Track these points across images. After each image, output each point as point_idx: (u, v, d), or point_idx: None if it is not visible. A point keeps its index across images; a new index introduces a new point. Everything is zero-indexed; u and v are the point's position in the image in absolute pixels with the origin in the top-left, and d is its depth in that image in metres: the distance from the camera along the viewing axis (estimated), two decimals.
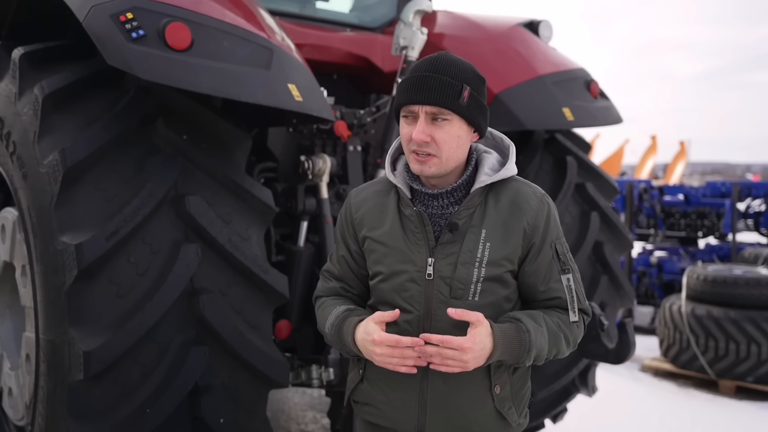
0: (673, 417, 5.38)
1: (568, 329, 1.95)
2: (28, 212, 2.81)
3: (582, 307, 1.99)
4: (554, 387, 4.01)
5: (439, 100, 1.82)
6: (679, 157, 23.49)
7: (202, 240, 2.77)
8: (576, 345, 2.01)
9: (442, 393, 1.91)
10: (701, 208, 9.18)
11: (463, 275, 1.88)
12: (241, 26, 2.91)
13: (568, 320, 1.96)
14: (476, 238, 1.89)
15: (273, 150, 3.64)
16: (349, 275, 2.08)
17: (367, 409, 2.03)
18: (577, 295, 1.97)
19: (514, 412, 1.98)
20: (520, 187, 1.98)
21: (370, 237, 1.98)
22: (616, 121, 4.21)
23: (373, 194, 2.04)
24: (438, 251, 1.90)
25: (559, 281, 1.95)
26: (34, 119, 2.74)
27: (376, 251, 1.97)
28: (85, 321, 2.57)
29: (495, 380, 1.93)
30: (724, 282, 6.17)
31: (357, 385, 2.04)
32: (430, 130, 1.83)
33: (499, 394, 1.93)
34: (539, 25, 4.33)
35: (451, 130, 1.85)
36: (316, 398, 5.46)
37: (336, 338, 1.98)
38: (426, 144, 1.83)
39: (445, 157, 1.86)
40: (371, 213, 2.00)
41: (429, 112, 1.83)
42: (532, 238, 1.92)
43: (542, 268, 1.94)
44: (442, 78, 1.82)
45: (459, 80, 1.84)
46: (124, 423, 2.61)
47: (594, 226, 4.04)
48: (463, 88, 1.83)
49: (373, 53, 4.17)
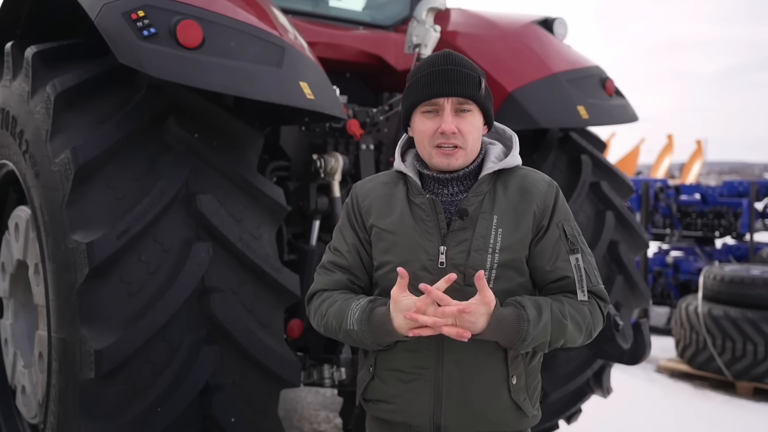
0: (689, 419, 5.32)
1: (579, 315, 1.89)
2: (40, 211, 2.82)
3: (594, 289, 1.94)
4: (569, 388, 3.97)
5: (466, 90, 1.87)
6: (696, 157, 23.32)
7: (213, 239, 2.76)
8: (591, 334, 1.95)
9: (457, 382, 1.90)
10: (718, 207, 9.09)
11: (476, 262, 1.88)
12: (253, 24, 2.90)
13: (578, 304, 1.90)
14: (488, 224, 1.90)
15: (285, 148, 3.63)
16: (359, 265, 2.03)
17: (381, 406, 2.00)
18: (587, 274, 1.92)
19: (528, 403, 1.97)
20: (527, 173, 2.01)
21: (377, 226, 1.98)
22: (632, 119, 4.17)
23: (379, 185, 2.05)
24: (450, 239, 1.90)
25: (567, 261, 1.92)
26: (46, 118, 2.75)
27: (384, 240, 1.96)
28: (97, 319, 2.57)
29: (512, 370, 1.92)
30: (742, 282, 6.11)
31: (368, 384, 2.02)
32: (456, 122, 1.88)
33: (515, 385, 1.93)
34: (554, 22, 4.29)
35: (474, 121, 1.91)
36: (329, 398, 5.46)
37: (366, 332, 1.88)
38: (454, 136, 1.87)
39: (470, 148, 1.91)
40: (378, 202, 2.00)
41: (455, 102, 1.88)
42: (541, 220, 1.93)
43: (548, 248, 1.93)
44: (463, 70, 1.89)
45: (476, 72, 1.92)
46: (135, 421, 2.61)
47: (609, 225, 4.00)
48: (480, 79, 1.91)
49: (386, 51, 4.16)
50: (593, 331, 1.95)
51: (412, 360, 1.92)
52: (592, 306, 1.93)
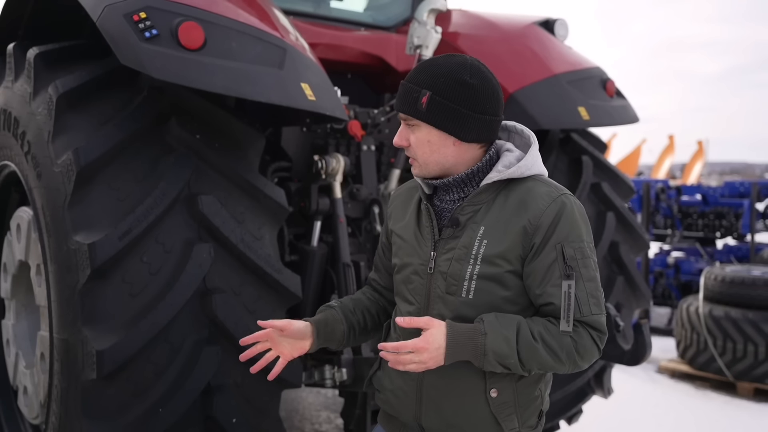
0: (690, 419, 5.32)
1: (555, 341, 1.78)
2: (42, 211, 2.83)
3: (585, 319, 1.80)
4: (569, 388, 3.98)
5: (400, 106, 1.91)
6: (697, 157, 23.32)
7: (214, 239, 2.77)
8: (577, 364, 1.82)
9: (437, 388, 1.91)
10: (719, 208, 9.08)
11: (456, 271, 1.86)
12: (255, 25, 2.91)
13: (557, 330, 1.78)
14: (473, 234, 1.86)
15: (287, 149, 3.64)
16: (381, 267, 2.17)
17: (378, 395, 2.08)
18: (578, 303, 1.78)
19: (515, 420, 1.89)
20: (535, 186, 1.87)
21: (393, 230, 2.07)
22: (633, 120, 4.17)
23: (406, 190, 2.12)
24: (440, 246, 1.91)
25: (558, 286, 1.79)
26: (48, 119, 2.76)
27: (395, 243, 2.05)
28: (98, 320, 2.58)
29: (491, 383, 1.86)
30: (743, 283, 6.10)
31: (375, 372, 2.10)
32: (407, 134, 1.92)
33: (495, 398, 1.86)
34: (554, 23, 4.30)
35: (420, 135, 1.90)
36: (331, 398, 5.46)
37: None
38: (405, 148, 1.95)
39: (421, 160, 1.92)
40: (399, 207, 2.08)
41: (402, 117, 1.93)
42: (533, 238, 1.81)
43: (540, 270, 1.81)
44: (406, 84, 1.91)
45: (420, 86, 1.85)
46: (136, 422, 2.62)
47: (610, 226, 4.01)
48: (421, 93, 1.84)
49: (387, 52, 4.16)
50: (579, 362, 1.83)
51: None
52: (579, 336, 1.80)
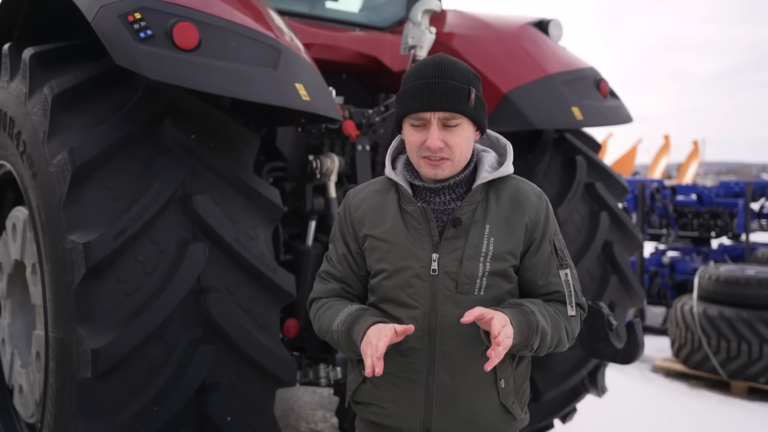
0: (684, 418, 5.34)
1: (566, 321, 1.98)
2: (37, 211, 2.84)
3: (579, 301, 2.03)
4: (563, 387, 3.99)
5: (452, 105, 1.86)
6: (693, 157, 23.32)
7: (209, 239, 2.78)
8: (574, 339, 2.04)
9: (449, 388, 1.92)
10: (714, 208, 9.11)
11: (469, 270, 1.91)
12: (249, 26, 2.92)
13: (566, 313, 1.99)
14: (480, 233, 1.92)
15: (281, 149, 3.65)
16: (350, 276, 2.07)
17: (372, 409, 2.02)
18: (574, 289, 2.01)
19: (517, 406, 2.00)
20: (519, 184, 2.02)
21: (371, 235, 1.99)
22: (626, 121, 4.19)
23: (372, 193, 2.05)
24: (442, 246, 1.92)
25: (558, 276, 1.99)
26: (43, 119, 2.77)
27: (378, 249, 1.98)
28: (93, 319, 2.59)
29: (500, 374, 1.95)
30: (737, 282, 6.13)
31: (359, 386, 2.04)
32: (443, 136, 1.87)
33: (504, 388, 1.96)
34: (549, 24, 4.31)
35: (463, 133, 1.90)
36: (326, 397, 5.47)
37: (344, 335, 1.94)
38: (441, 150, 1.87)
39: (457, 159, 1.91)
40: (371, 211, 2.01)
41: (441, 117, 1.86)
42: (533, 233, 1.97)
43: (542, 263, 1.99)
44: (451, 83, 1.86)
45: (465, 83, 1.88)
46: (131, 420, 2.63)
47: (603, 225, 4.02)
48: (470, 90, 1.88)
49: (382, 53, 4.18)
50: (575, 337, 2.04)
51: (404, 365, 1.95)
52: (576, 318, 2.02)
